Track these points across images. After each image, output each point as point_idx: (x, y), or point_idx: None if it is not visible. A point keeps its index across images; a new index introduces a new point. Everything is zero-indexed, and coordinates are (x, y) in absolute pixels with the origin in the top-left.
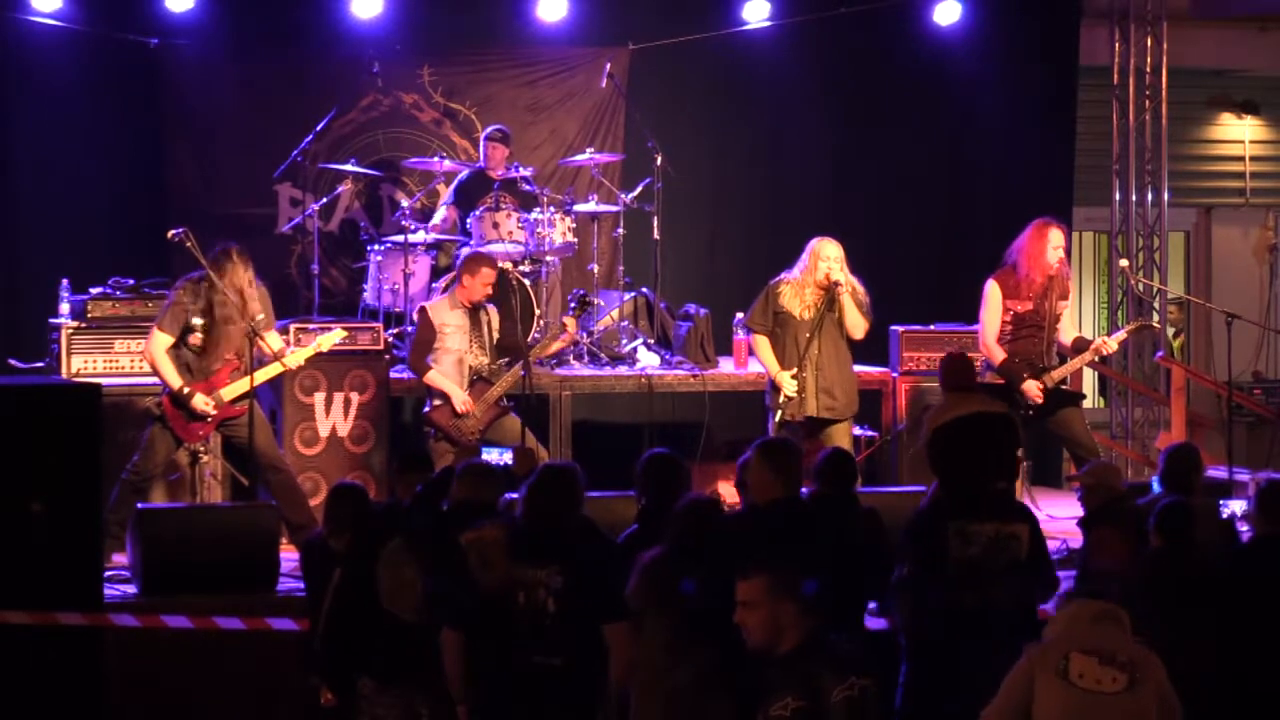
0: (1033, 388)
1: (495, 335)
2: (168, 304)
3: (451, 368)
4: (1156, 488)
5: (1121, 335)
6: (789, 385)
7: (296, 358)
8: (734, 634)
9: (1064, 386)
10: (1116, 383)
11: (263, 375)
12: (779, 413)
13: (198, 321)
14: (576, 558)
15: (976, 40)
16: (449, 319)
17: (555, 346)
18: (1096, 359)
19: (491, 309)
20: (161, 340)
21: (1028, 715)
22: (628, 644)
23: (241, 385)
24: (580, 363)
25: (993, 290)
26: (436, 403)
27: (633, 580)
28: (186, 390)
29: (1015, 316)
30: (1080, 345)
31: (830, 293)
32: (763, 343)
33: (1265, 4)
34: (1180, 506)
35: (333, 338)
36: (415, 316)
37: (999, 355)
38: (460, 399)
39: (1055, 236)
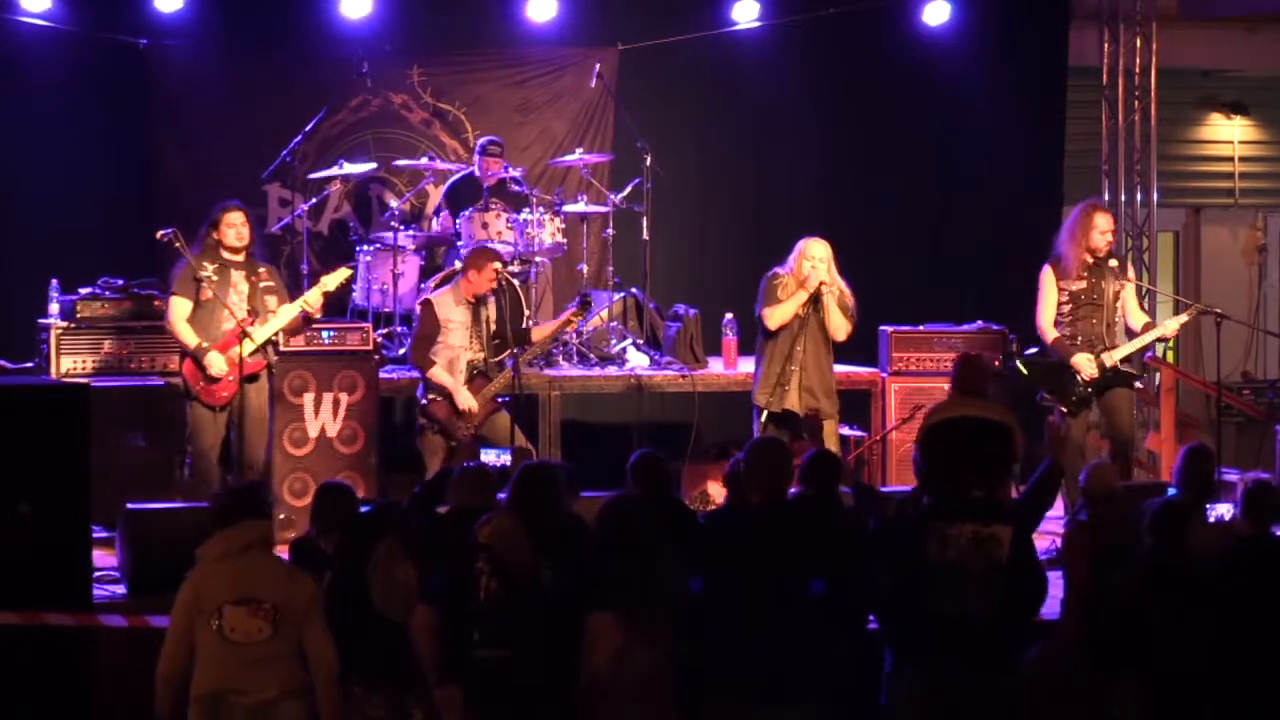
0: (1083, 360)
1: (493, 328)
2: (176, 272)
3: (450, 364)
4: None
5: (1183, 318)
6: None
7: (295, 307)
8: (679, 635)
9: (1124, 368)
10: None
11: (277, 323)
12: (764, 412)
13: (205, 276)
14: (566, 552)
15: (966, 41)
16: (453, 315)
17: (554, 328)
18: (1159, 341)
19: (491, 302)
20: (179, 306)
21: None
22: (609, 634)
23: (263, 333)
24: (569, 363)
25: (1046, 274)
26: (433, 396)
27: None
28: (204, 346)
29: (1071, 295)
30: (1149, 329)
31: (815, 293)
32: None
33: (1254, 4)
34: (1173, 507)
35: (337, 277)
36: (418, 308)
37: (1050, 335)
38: (464, 399)
39: (1102, 220)
